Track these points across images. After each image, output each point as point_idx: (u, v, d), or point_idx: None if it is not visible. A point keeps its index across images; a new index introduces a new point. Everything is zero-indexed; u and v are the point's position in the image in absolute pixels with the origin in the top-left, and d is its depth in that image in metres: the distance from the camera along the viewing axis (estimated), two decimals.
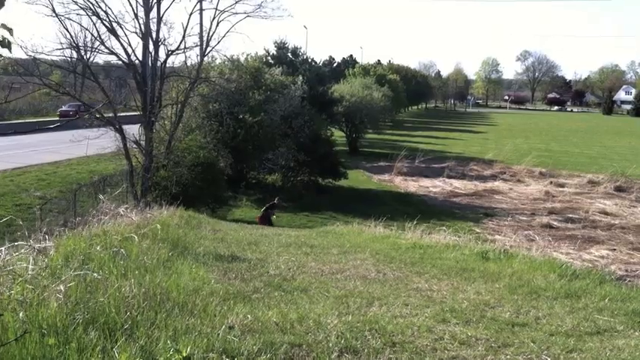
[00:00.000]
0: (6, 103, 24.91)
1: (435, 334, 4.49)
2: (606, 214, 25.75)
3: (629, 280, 8.43)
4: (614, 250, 19.32)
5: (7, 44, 2.47)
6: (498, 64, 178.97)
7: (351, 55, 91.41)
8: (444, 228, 11.97)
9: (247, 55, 30.72)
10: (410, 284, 6.27)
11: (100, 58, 21.55)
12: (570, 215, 25.07)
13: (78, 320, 3.54)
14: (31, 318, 3.45)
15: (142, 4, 18.61)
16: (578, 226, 22.90)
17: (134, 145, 19.18)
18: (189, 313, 4.21)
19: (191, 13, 20.10)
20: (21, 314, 3.45)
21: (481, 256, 8.12)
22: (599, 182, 33.32)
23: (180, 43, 19.53)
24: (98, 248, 5.36)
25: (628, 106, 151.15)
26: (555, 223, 23.50)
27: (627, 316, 5.37)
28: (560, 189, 31.96)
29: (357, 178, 33.51)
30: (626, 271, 15.38)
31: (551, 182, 33.48)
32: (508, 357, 4.22)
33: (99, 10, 18.00)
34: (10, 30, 2.46)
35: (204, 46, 21.39)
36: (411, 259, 7.86)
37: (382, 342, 4.16)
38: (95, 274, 4.37)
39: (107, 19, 18.22)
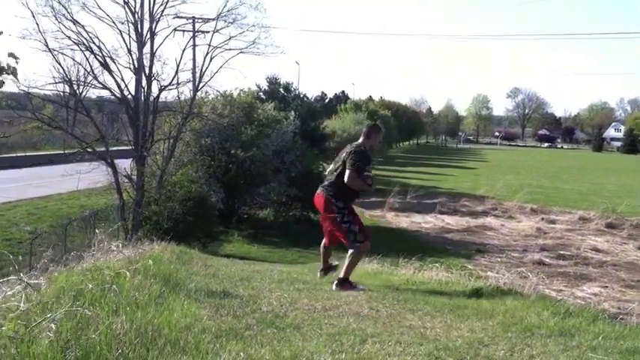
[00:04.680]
0: (5, 137, 24.92)
1: None
2: (598, 250, 25.78)
3: (622, 318, 8.39)
4: (607, 287, 19.30)
5: (12, 70, 2.50)
6: (489, 101, 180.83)
7: (343, 91, 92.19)
8: (437, 264, 11.92)
9: (240, 90, 30.91)
10: (403, 321, 6.23)
11: (93, 93, 21.62)
12: (562, 252, 25.08)
13: (69, 357, 3.50)
14: (22, 354, 3.41)
15: (135, 39, 18.78)
16: (570, 262, 22.90)
17: (126, 180, 19.18)
18: (182, 350, 4.16)
19: (184, 49, 20.32)
20: (12, 350, 3.41)
21: (474, 293, 8.09)
22: (590, 219, 33.40)
23: (173, 78, 19.71)
24: (90, 285, 5.31)
25: (618, 143, 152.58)
26: (547, 259, 23.51)
27: (621, 354, 5.34)
28: (552, 225, 32.02)
29: None
30: (619, 308, 15.28)
31: (542, 219, 33.55)
32: None
33: (92, 45, 18.16)
34: (16, 58, 2.49)
35: (197, 82, 21.57)
36: (404, 295, 7.82)
37: None
38: (87, 311, 4.33)
39: (100, 54, 18.37)
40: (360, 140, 8.09)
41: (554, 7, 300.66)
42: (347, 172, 7.64)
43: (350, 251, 7.99)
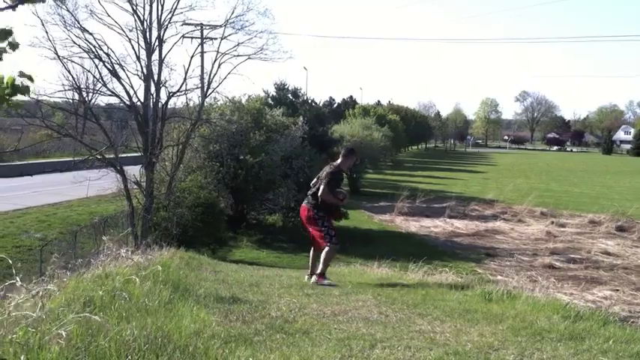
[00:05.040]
0: (16, 150, 25.07)
1: None
2: (608, 254, 25.66)
3: (633, 322, 8.37)
4: (617, 290, 19.21)
5: (25, 89, 2.52)
6: (497, 105, 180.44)
7: (351, 96, 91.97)
8: (446, 269, 11.91)
9: (248, 96, 30.96)
10: (412, 326, 6.21)
11: (102, 100, 21.75)
12: (572, 255, 24.98)
13: None
14: None
15: (143, 47, 18.86)
16: (580, 266, 22.81)
17: (135, 186, 19.23)
18: (191, 356, 4.17)
19: (192, 56, 20.35)
20: (22, 358, 3.43)
21: (484, 297, 8.07)
22: (600, 222, 33.26)
23: (182, 84, 19.75)
24: (100, 292, 5.33)
25: (627, 146, 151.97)
26: (557, 263, 23.42)
27: (632, 358, 5.32)
28: (562, 229, 31.90)
29: (358, 219, 33.48)
30: (630, 312, 15.27)
31: (552, 222, 33.42)
32: None
33: (101, 52, 18.23)
34: (30, 77, 2.52)
35: (205, 88, 21.61)
36: (414, 300, 7.80)
37: None
38: (97, 317, 4.35)
39: (109, 62, 18.44)
40: (339, 161, 9.77)
41: (563, 10, 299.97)
42: (321, 187, 9.40)
43: (325, 249, 9.55)
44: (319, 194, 9.46)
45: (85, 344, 3.84)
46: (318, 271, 9.51)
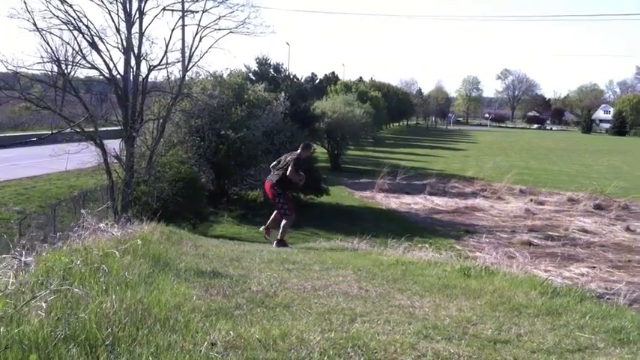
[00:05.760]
0: None
1: (418, 350, 4.48)
2: (586, 231, 25.97)
3: (609, 298, 8.47)
4: (594, 267, 19.47)
5: None
6: (479, 82, 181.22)
7: (333, 72, 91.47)
8: (426, 245, 11.99)
9: (230, 70, 30.73)
10: (392, 301, 6.26)
11: (81, 73, 21.40)
12: (550, 233, 25.25)
13: (59, 336, 3.50)
14: (12, 334, 3.41)
15: (123, 18, 18.58)
16: (558, 243, 23.05)
17: (115, 160, 19.09)
18: (171, 329, 4.17)
19: (173, 29, 20.11)
20: (1, 329, 3.41)
21: (462, 272, 8.14)
22: (578, 200, 33.60)
23: (163, 58, 19.53)
24: (79, 264, 5.30)
25: (606, 125, 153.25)
26: (535, 240, 23.66)
27: (608, 334, 5.40)
28: (540, 207, 32.21)
29: (339, 195, 33.54)
30: (606, 288, 15.47)
31: (531, 200, 33.73)
32: None
33: (80, 24, 17.94)
34: None
35: (186, 62, 21.37)
36: (393, 275, 7.85)
37: (365, 359, 4.15)
38: (76, 290, 4.33)
39: (89, 34, 18.16)
40: (298, 151, 12.32)
41: None
42: (289, 169, 11.79)
43: (283, 221, 12.23)
44: (287, 173, 11.80)
45: (65, 316, 3.83)
46: (278, 237, 12.19)
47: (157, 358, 3.49)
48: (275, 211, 12.51)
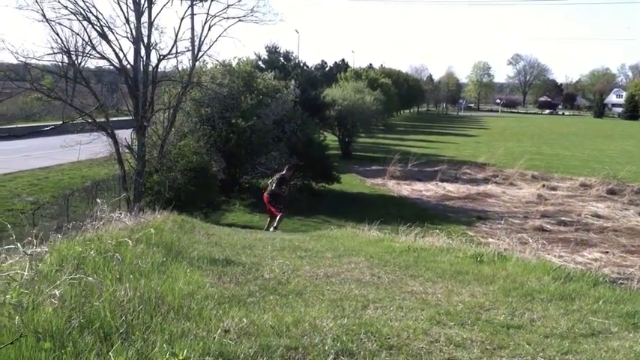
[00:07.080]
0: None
1: (431, 336, 4.49)
2: (599, 217, 25.82)
3: (622, 283, 8.44)
4: (607, 252, 19.37)
5: None
6: (490, 68, 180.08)
7: (343, 59, 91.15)
8: (438, 231, 11.96)
9: (239, 59, 30.66)
10: (404, 287, 6.27)
11: (92, 63, 21.45)
12: (563, 218, 25.12)
13: (73, 324, 3.52)
14: (27, 322, 3.44)
15: (132, 8, 18.55)
16: (570, 229, 22.95)
17: (126, 150, 19.13)
18: (185, 316, 4.20)
19: (182, 18, 20.04)
20: (16, 318, 3.44)
21: (475, 258, 8.13)
22: (591, 185, 33.40)
23: (172, 47, 19.49)
24: (92, 253, 5.33)
25: (619, 109, 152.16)
26: (548, 226, 23.55)
27: (621, 318, 5.39)
28: (553, 192, 32.03)
29: (351, 182, 33.52)
30: (619, 273, 15.42)
31: (543, 185, 33.55)
32: (503, 359, 4.23)
33: (89, 14, 17.91)
34: None
35: (195, 51, 21.33)
36: (405, 262, 7.86)
37: (378, 345, 4.16)
38: (90, 279, 4.35)
39: (98, 24, 18.13)
40: (284, 172, 18.21)
41: None
42: (274, 186, 17.52)
43: (279, 215, 17.17)
44: (273, 189, 17.50)
45: (79, 305, 3.86)
46: (274, 225, 16.84)
47: (171, 345, 3.51)
48: (269, 217, 18.01)
